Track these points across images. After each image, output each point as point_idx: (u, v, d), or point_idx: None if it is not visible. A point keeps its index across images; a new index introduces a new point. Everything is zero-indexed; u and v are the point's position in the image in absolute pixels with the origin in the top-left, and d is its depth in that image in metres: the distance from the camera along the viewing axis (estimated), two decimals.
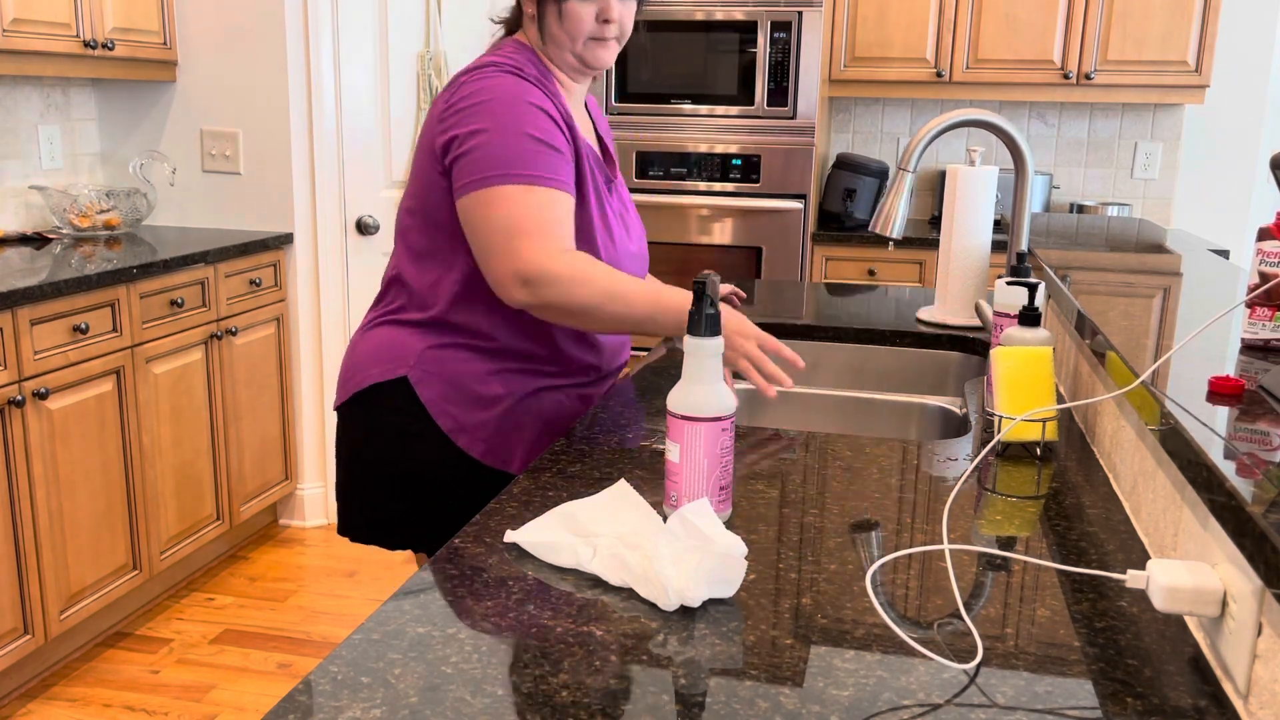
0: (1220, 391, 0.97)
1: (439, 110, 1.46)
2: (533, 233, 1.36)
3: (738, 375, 1.45)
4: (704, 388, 1.06)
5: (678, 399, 1.07)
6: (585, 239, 1.49)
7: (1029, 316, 1.38)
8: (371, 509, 1.58)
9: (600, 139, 1.63)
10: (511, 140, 1.38)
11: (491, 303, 1.48)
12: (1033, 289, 1.40)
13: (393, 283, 1.56)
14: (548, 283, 1.35)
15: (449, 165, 1.43)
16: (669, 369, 1.73)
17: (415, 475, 1.53)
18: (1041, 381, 1.30)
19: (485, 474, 1.52)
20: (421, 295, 1.52)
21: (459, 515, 1.53)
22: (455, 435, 1.50)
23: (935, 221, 4.21)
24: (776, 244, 3.84)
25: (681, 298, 1.38)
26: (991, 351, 1.34)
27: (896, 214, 1.87)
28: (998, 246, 3.65)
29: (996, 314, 1.62)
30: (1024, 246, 1.94)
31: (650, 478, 1.22)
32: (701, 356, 1.06)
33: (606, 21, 1.48)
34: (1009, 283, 1.58)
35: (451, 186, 1.43)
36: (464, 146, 1.40)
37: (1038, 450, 1.33)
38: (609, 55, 1.52)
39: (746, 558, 1.00)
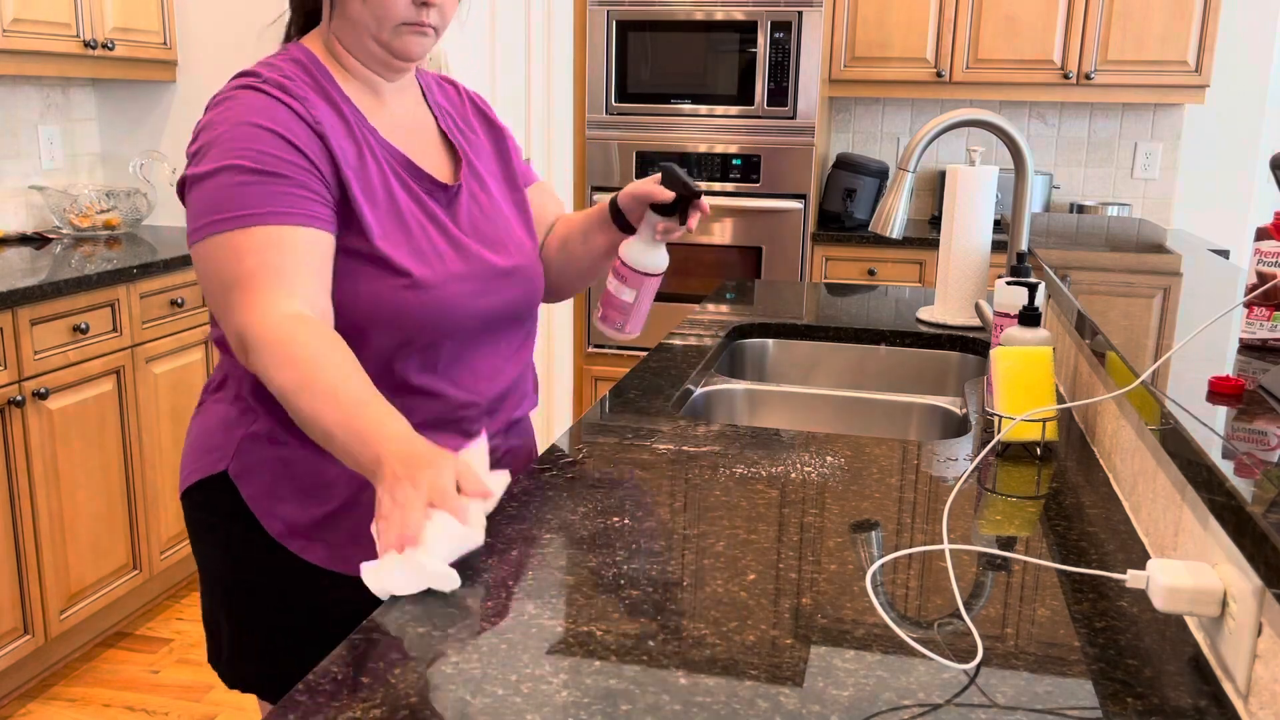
0: (1220, 391, 0.97)
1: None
2: (243, 285, 1.10)
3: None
4: (658, 251, 1.37)
5: (642, 259, 1.37)
6: (373, 264, 1.19)
7: (1029, 316, 1.38)
8: (211, 618, 1.33)
9: (449, 140, 1.34)
10: (223, 177, 1.12)
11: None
12: (1033, 289, 1.40)
13: (220, 350, 1.30)
14: (252, 349, 1.08)
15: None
16: (668, 369, 1.73)
17: (249, 589, 1.27)
18: (1041, 381, 1.30)
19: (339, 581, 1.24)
20: (232, 365, 1.27)
21: (320, 636, 1.26)
22: (287, 541, 1.23)
23: (935, 221, 4.21)
24: (776, 244, 3.84)
25: (393, 432, 1.01)
26: (991, 351, 1.34)
27: (896, 214, 1.87)
28: (998, 246, 3.65)
29: (996, 314, 1.62)
30: (1024, 246, 1.94)
31: (651, 478, 1.22)
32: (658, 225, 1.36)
33: (425, 4, 1.20)
34: (1009, 283, 1.58)
35: None
36: (187, 193, 1.16)
37: (1038, 450, 1.33)
38: (422, 47, 1.24)
39: (747, 557, 1.00)
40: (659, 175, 1.37)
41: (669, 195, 1.34)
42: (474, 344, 1.29)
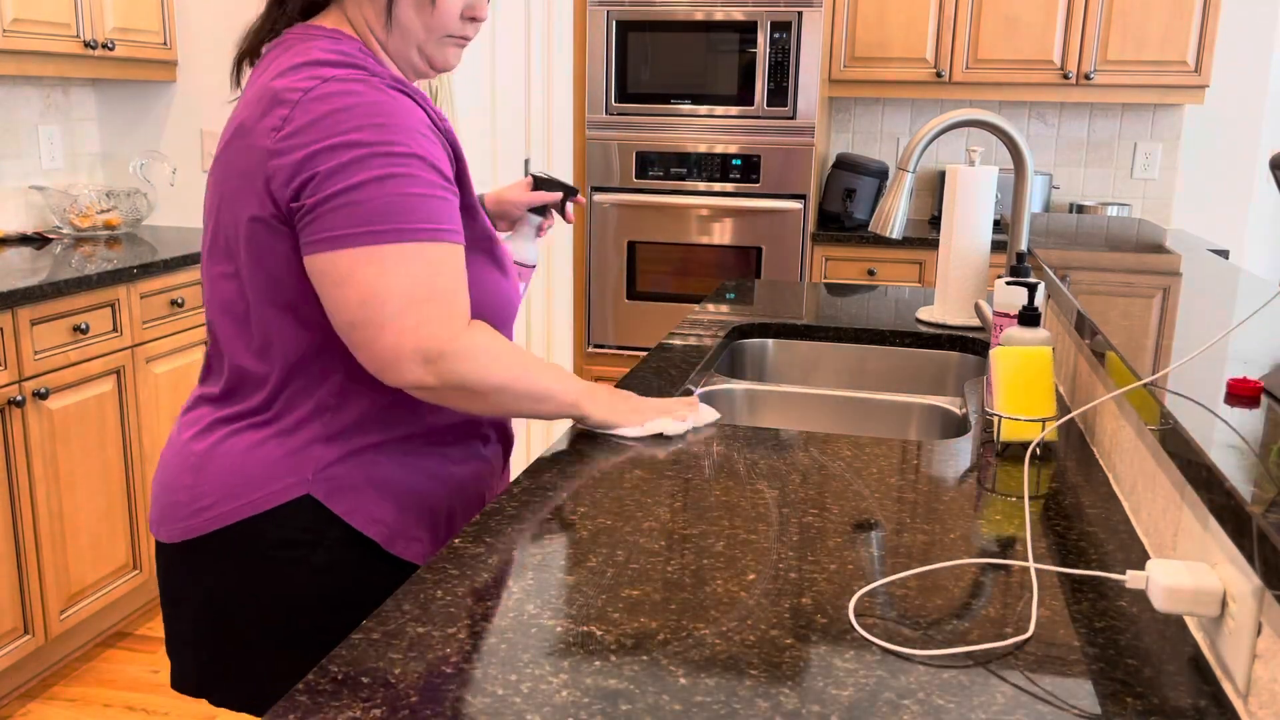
0: (1239, 393, 0.97)
1: (268, 131, 1.10)
2: (433, 300, 1.09)
3: None
4: (536, 246, 1.59)
5: (528, 255, 1.57)
6: (486, 254, 1.24)
7: (1029, 316, 1.38)
8: (246, 666, 1.22)
9: None
10: (392, 184, 1.08)
11: (378, 384, 1.20)
12: (1032, 289, 1.40)
13: (235, 374, 1.20)
14: (460, 358, 1.10)
15: (299, 211, 1.09)
16: (668, 369, 1.73)
17: (305, 612, 1.19)
18: (1041, 381, 1.30)
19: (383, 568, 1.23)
20: (285, 391, 1.18)
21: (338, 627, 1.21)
22: (391, 544, 1.20)
23: (935, 221, 4.21)
24: (776, 244, 3.84)
25: (570, 383, 1.26)
26: (991, 351, 1.34)
27: (896, 214, 1.87)
28: (998, 246, 3.65)
29: (996, 314, 1.62)
30: (1024, 246, 1.94)
31: (650, 478, 1.22)
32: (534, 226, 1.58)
33: (473, 20, 1.21)
34: (1009, 283, 1.58)
35: (299, 237, 1.10)
36: (328, 189, 1.07)
37: (1037, 450, 1.33)
38: (458, 59, 1.24)
39: (747, 557, 1.00)
40: (529, 181, 1.58)
41: (555, 197, 1.57)
42: None
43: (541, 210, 1.57)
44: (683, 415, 1.39)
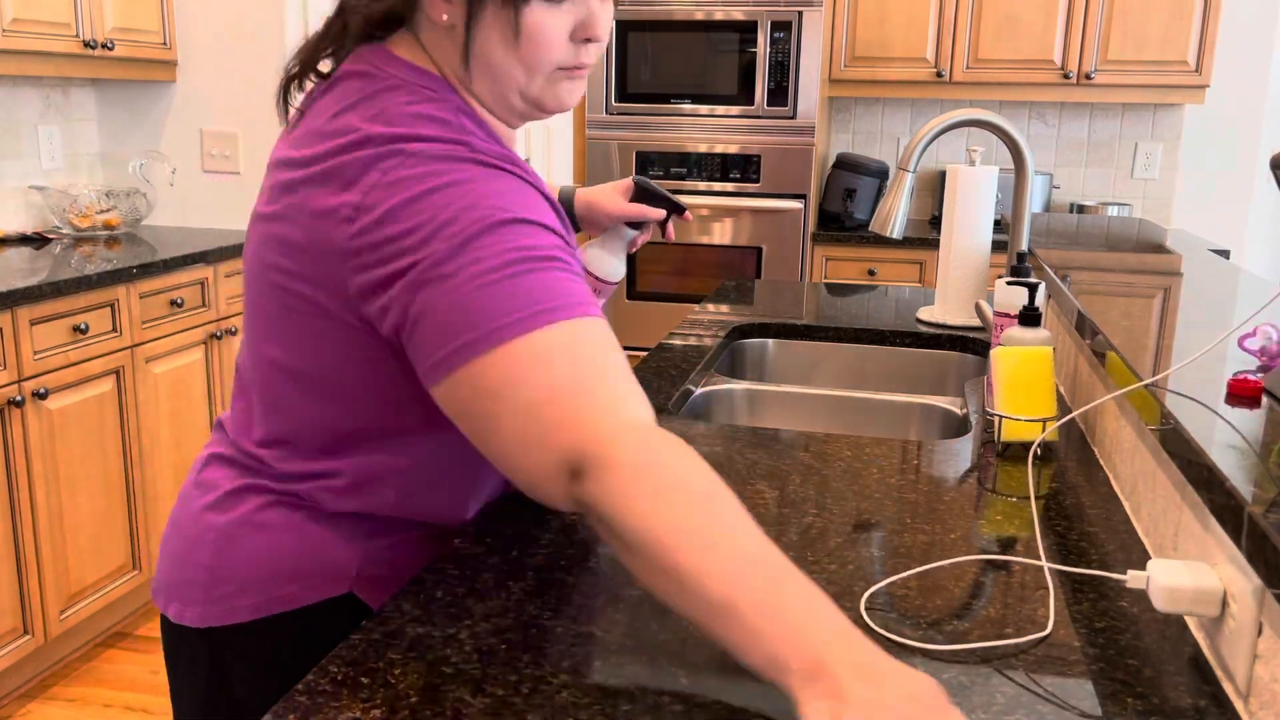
0: (1239, 393, 0.96)
1: (339, 221, 0.88)
2: (569, 387, 0.82)
3: None
4: (622, 260, 1.39)
5: (611, 269, 1.37)
6: None
7: (1029, 316, 1.38)
8: None
9: None
10: (496, 270, 0.84)
11: (447, 482, 1.05)
12: (1033, 289, 1.40)
13: (270, 438, 1.01)
14: (608, 469, 0.77)
15: (396, 329, 0.88)
16: (668, 369, 1.73)
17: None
18: (1041, 381, 1.30)
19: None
20: (330, 470, 1.00)
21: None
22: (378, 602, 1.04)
23: (935, 221, 4.21)
24: (776, 244, 3.84)
25: (837, 627, 0.68)
26: (991, 351, 1.34)
27: (896, 214, 1.87)
28: (998, 246, 3.65)
29: (996, 314, 1.62)
30: (1024, 246, 1.94)
31: None
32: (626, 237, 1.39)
33: (588, 41, 0.94)
34: (1009, 283, 1.58)
35: (410, 354, 0.88)
36: (419, 298, 0.85)
37: (1038, 450, 1.33)
38: (579, 94, 0.98)
39: None
40: (627, 186, 1.37)
41: (660, 214, 1.36)
42: None
43: (638, 224, 1.37)
44: None
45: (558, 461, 0.80)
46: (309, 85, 1.03)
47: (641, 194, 1.37)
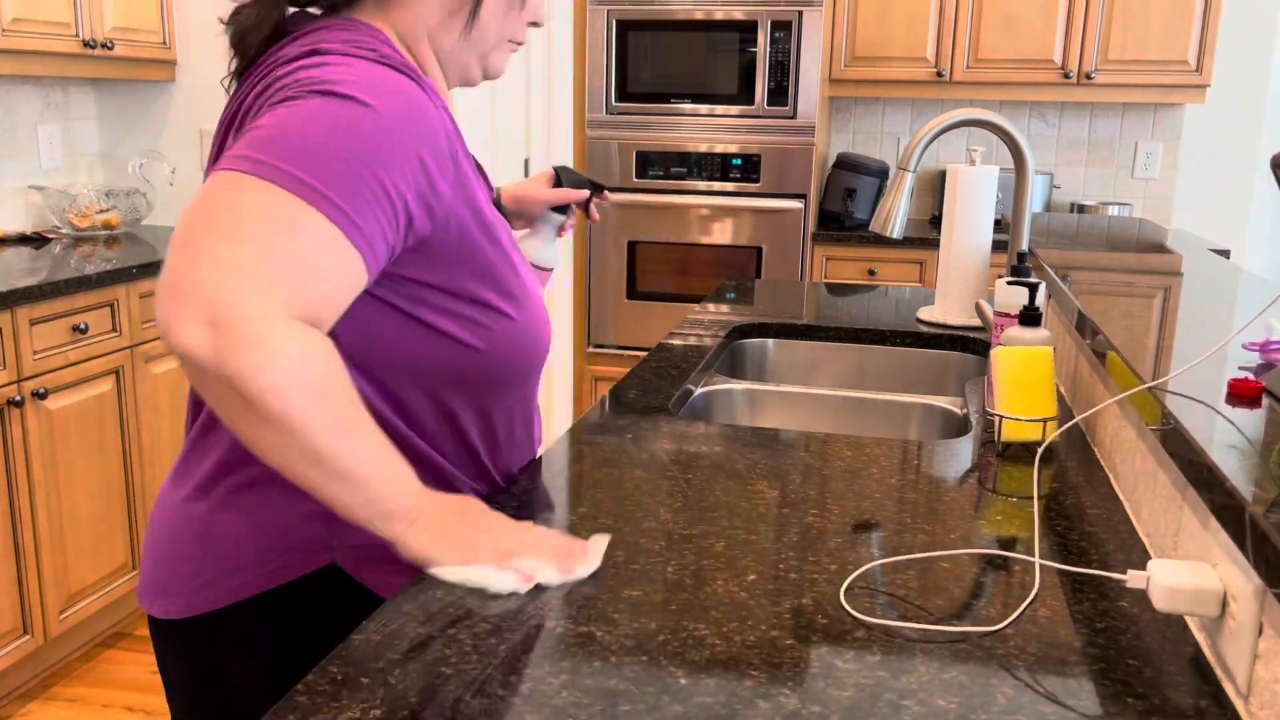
0: (1240, 394, 0.96)
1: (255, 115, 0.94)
2: (269, 256, 0.83)
3: None
4: (555, 246, 1.48)
5: (546, 256, 1.45)
6: (506, 293, 1.05)
7: (1029, 316, 1.38)
8: None
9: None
10: (318, 127, 0.88)
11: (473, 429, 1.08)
12: (1033, 289, 1.40)
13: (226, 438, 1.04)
14: (250, 341, 0.81)
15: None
16: (668, 369, 1.73)
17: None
18: (1042, 381, 1.30)
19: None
20: None
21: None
22: (383, 588, 1.06)
23: (935, 221, 4.21)
24: (776, 244, 3.84)
25: (400, 483, 0.91)
26: (992, 351, 1.34)
27: (897, 214, 1.87)
28: (998, 246, 3.65)
29: (997, 314, 1.62)
30: (1024, 246, 1.94)
31: (650, 478, 1.22)
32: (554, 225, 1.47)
33: (534, 24, 1.14)
34: (1009, 282, 1.57)
35: None
36: (284, 105, 0.90)
37: (1038, 450, 1.33)
38: (507, 66, 1.15)
39: (747, 557, 1.00)
40: (549, 175, 1.46)
41: (582, 194, 1.46)
42: (532, 395, 1.16)
43: (564, 209, 1.46)
44: (568, 563, 0.95)
45: (206, 298, 0.81)
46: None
47: (561, 178, 1.46)
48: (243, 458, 1.02)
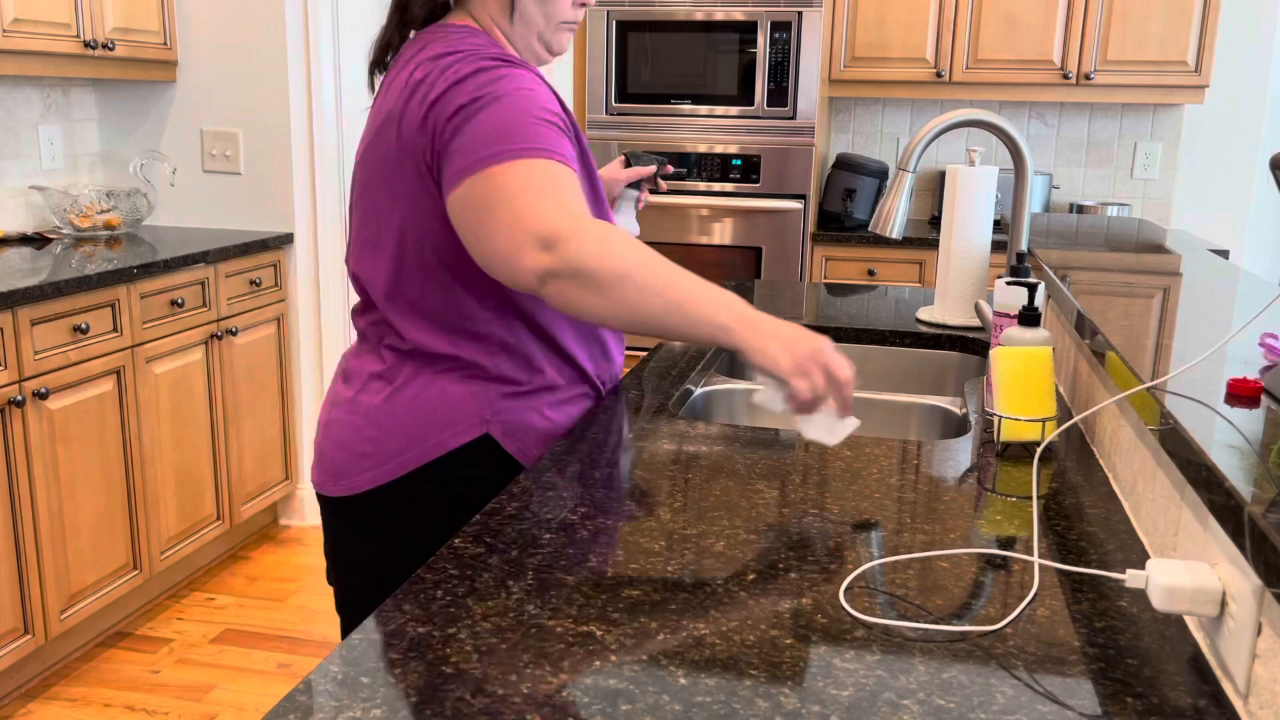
0: (1239, 393, 0.97)
1: (415, 110, 1.24)
2: (553, 193, 1.15)
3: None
4: (635, 221, 1.69)
5: (634, 228, 1.67)
6: None
7: (1028, 317, 1.38)
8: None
9: None
10: (518, 115, 1.19)
11: (541, 341, 1.35)
12: (1032, 289, 1.40)
13: (403, 337, 1.32)
14: (582, 238, 1.11)
15: (441, 165, 1.22)
16: (668, 369, 1.73)
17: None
18: (1041, 382, 1.30)
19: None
20: (455, 346, 1.31)
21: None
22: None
23: (935, 221, 4.21)
24: (776, 244, 3.84)
25: (725, 301, 1.14)
26: (991, 351, 1.34)
27: (896, 214, 1.87)
28: (998, 246, 3.65)
29: (996, 314, 1.62)
30: (1023, 246, 1.94)
31: (650, 478, 1.22)
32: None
33: (583, 5, 1.36)
34: (1008, 283, 1.58)
35: (441, 175, 1.22)
36: (455, 130, 1.20)
37: (1038, 450, 1.33)
38: (569, 43, 1.40)
39: (747, 557, 1.00)
40: (621, 160, 1.72)
41: (650, 169, 1.70)
42: None
43: (637, 184, 1.71)
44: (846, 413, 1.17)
45: (533, 234, 1.12)
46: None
47: (630, 160, 1.72)
48: (408, 363, 1.31)
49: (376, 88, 1.38)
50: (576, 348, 1.39)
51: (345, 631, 1.43)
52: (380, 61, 1.38)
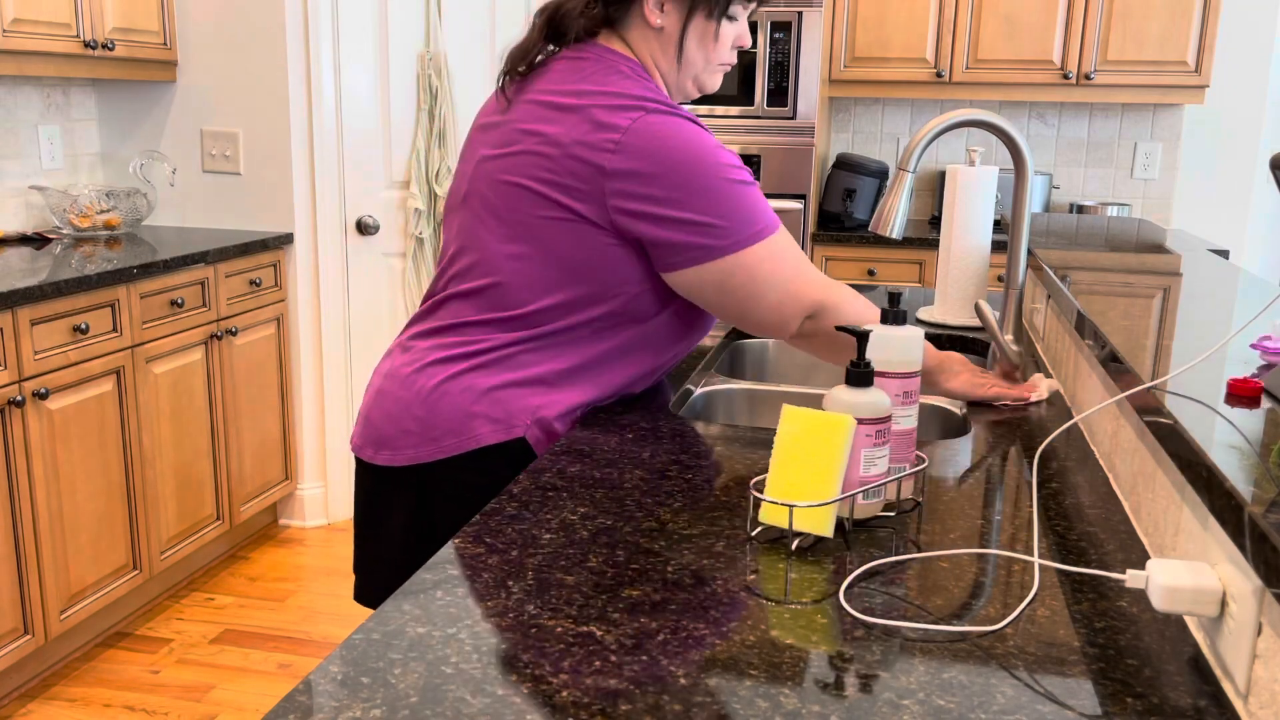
0: (1239, 393, 0.96)
1: (598, 149, 1.28)
2: (797, 274, 1.37)
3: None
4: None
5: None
6: None
7: (856, 374, 1.07)
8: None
9: None
10: (738, 197, 1.32)
11: (629, 358, 1.43)
12: (861, 338, 1.07)
13: (469, 324, 1.39)
14: (839, 307, 1.39)
15: (645, 230, 1.31)
16: (671, 370, 1.73)
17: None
18: (823, 459, 1.02)
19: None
20: (521, 346, 1.37)
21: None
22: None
23: (935, 221, 4.21)
24: None
25: (928, 347, 1.48)
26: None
27: (896, 214, 1.87)
28: (998, 246, 3.65)
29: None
30: (1024, 246, 1.94)
31: (650, 478, 1.22)
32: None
33: (738, 48, 1.43)
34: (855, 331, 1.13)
35: (652, 256, 1.34)
36: (674, 213, 1.29)
37: (1037, 451, 1.33)
38: (720, 82, 1.47)
39: (746, 557, 1.00)
40: None
41: None
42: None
43: None
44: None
45: (804, 311, 1.38)
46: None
47: None
48: (465, 353, 1.36)
49: (503, 93, 1.40)
50: (623, 373, 1.45)
51: (358, 593, 1.50)
52: (515, 71, 1.40)
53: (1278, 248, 4.41)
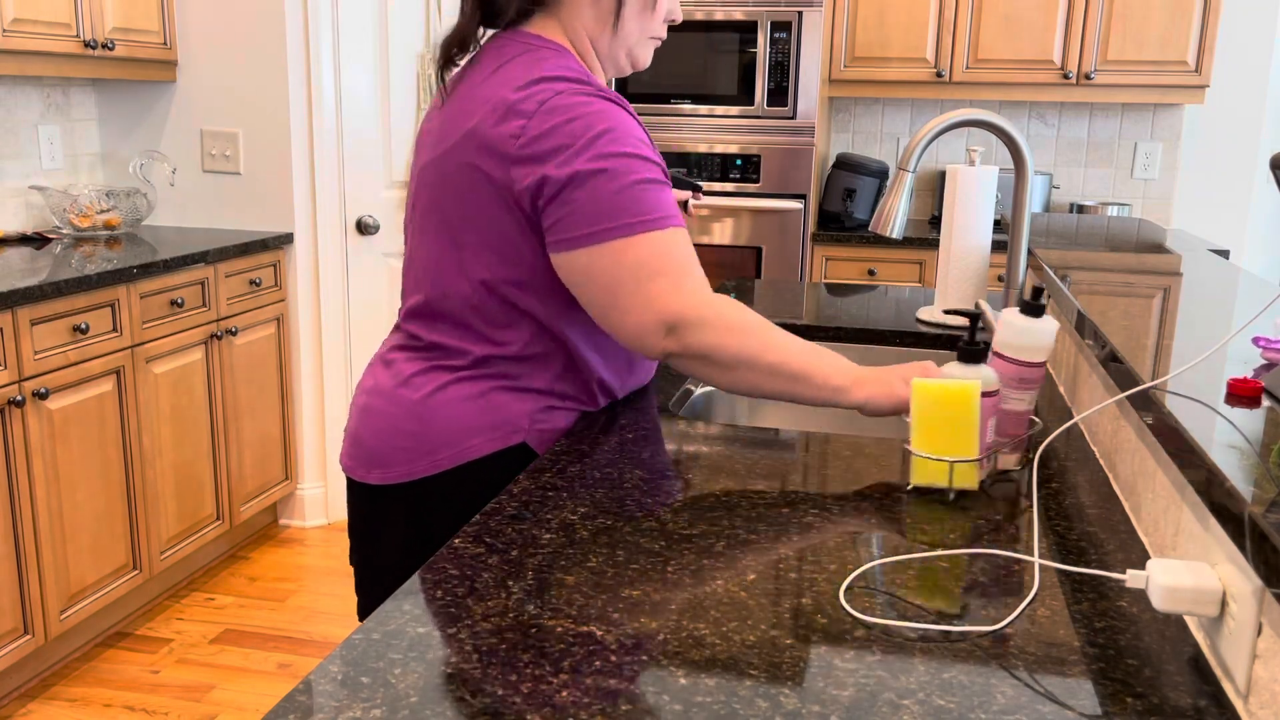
0: (1239, 393, 0.96)
1: (506, 138, 1.23)
2: (665, 275, 1.23)
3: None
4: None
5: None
6: None
7: (969, 352, 1.22)
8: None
9: None
10: (628, 185, 1.22)
11: (613, 359, 1.40)
12: (974, 319, 1.23)
13: (449, 334, 1.35)
14: (698, 327, 1.23)
15: (541, 211, 1.25)
16: (667, 369, 1.72)
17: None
18: (959, 421, 1.15)
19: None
20: (502, 350, 1.34)
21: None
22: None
23: (935, 221, 4.21)
24: (776, 244, 3.84)
25: (837, 365, 1.27)
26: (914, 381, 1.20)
27: (896, 214, 1.87)
28: (998, 246, 3.65)
29: (997, 355, 1.31)
30: (1024, 246, 1.94)
31: (650, 478, 1.22)
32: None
33: (670, 21, 1.39)
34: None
35: (544, 234, 1.26)
36: (565, 195, 1.22)
37: (1036, 452, 1.33)
38: (651, 57, 1.41)
39: (747, 557, 1.00)
40: None
41: (685, 195, 1.67)
42: None
43: None
44: None
45: (654, 323, 1.23)
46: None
47: (674, 183, 1.68)
48: (451, 364, 1.33)
49: (443, 86, 1.35)
50: (600, 364, 1.41)
51: (362, 613, 1.46)
52: (449, 60, 1.34)
53: (1278, 248, 4.41)
